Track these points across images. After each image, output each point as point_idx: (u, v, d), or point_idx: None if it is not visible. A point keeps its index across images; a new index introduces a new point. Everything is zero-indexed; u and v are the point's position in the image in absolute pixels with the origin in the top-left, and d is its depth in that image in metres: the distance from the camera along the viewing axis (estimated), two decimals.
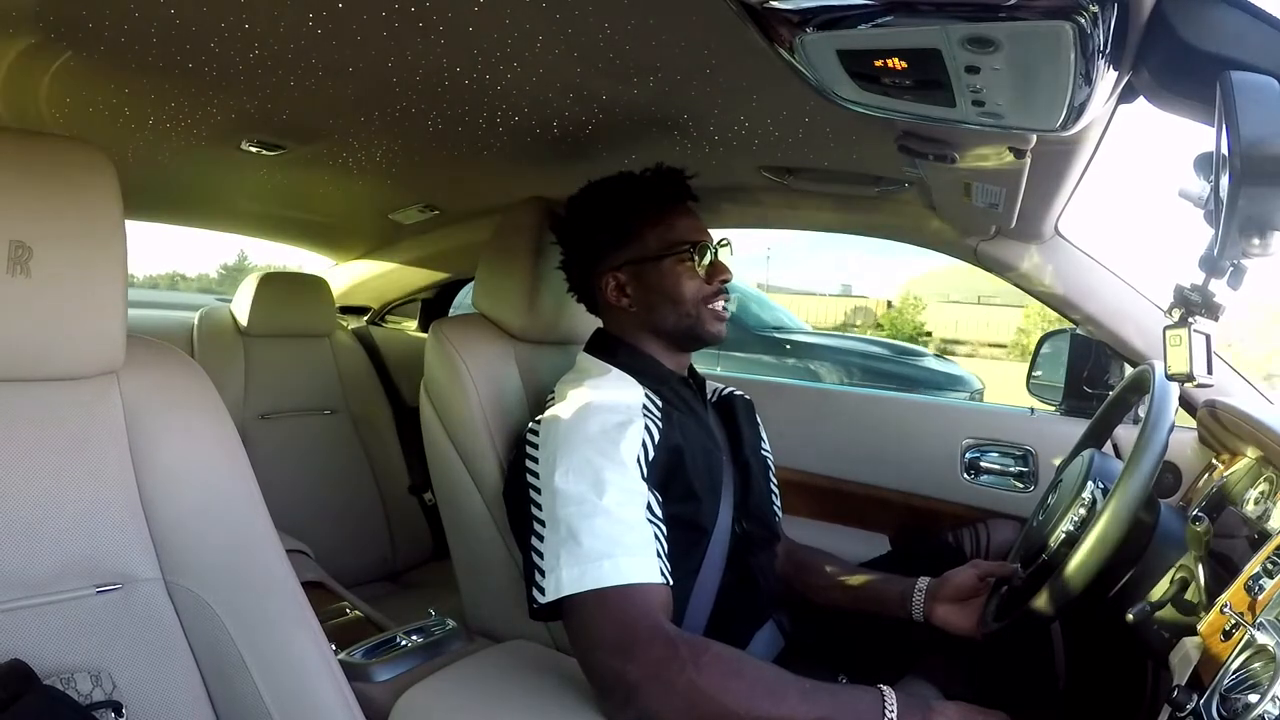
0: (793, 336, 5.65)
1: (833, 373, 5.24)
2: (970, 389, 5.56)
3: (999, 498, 1.56)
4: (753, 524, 1.16)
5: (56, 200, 0.70)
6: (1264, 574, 0.74)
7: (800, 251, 40.98)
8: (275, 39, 0.95)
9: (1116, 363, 1.48)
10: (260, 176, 1.69)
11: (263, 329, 2.05)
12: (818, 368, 5.23)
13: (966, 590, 1.11)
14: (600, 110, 1.15)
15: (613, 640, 0.83)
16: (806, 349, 5.44)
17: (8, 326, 0.68)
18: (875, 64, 0.68)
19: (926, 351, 6.51)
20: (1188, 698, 0.67)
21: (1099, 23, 0.56)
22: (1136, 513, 0.86)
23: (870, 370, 5.36)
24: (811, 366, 5.23)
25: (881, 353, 5.80)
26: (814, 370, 5.20)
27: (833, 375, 5.23)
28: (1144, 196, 47.69)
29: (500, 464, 1.17)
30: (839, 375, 5.24)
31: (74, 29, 0.93)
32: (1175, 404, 0.96)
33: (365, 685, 1.02)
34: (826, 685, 0.83)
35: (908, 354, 5.96)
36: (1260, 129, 0.54)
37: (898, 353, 5.88)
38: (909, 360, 5.68)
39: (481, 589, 1.30)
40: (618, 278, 1.14)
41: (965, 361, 11.91)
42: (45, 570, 0.70)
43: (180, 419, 0.79)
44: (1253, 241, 0.61)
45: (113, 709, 0.68)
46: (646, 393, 1.07)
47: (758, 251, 25.76)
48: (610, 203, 1.15)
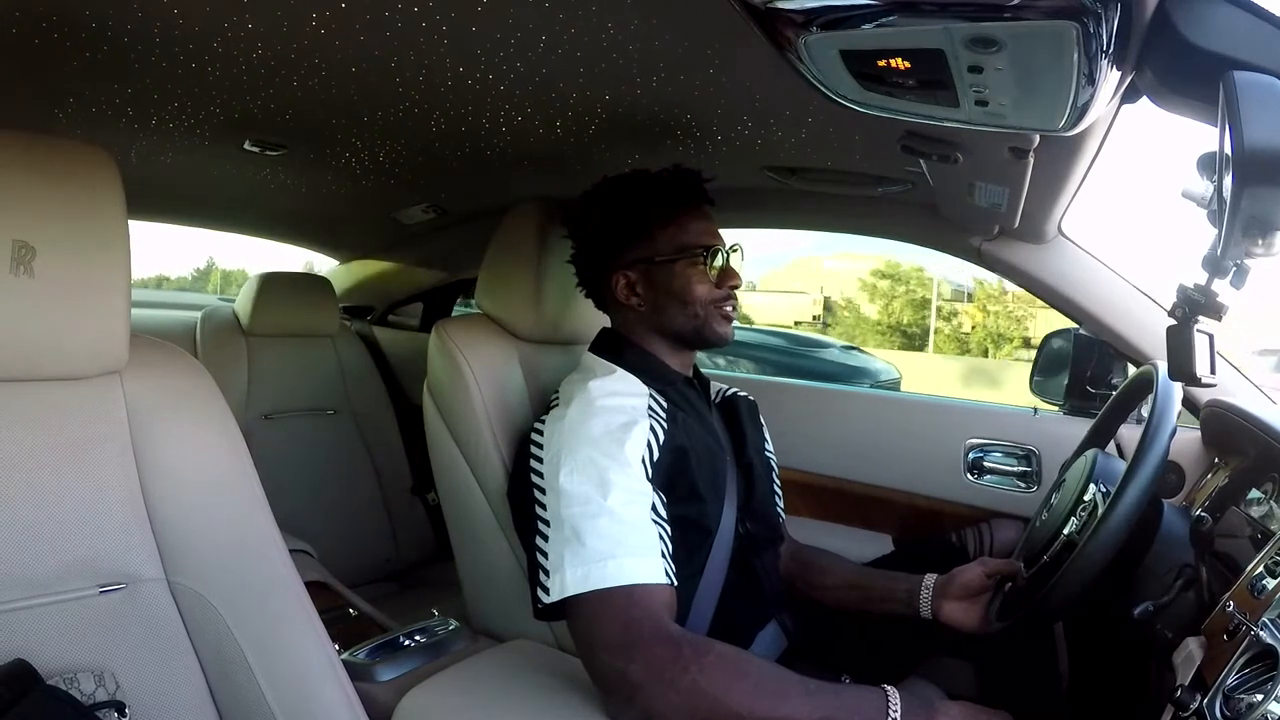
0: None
1: (728, 366, 4.91)
2: (881, 378, 5.38)
3: (1002, 498, 1.55)
4: (756, 524, 1.16)
5: (60, 200, 0.70)
6: (1267, 574, 0.74)
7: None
8: (278, 39, 0.95)
9: (1119, 363, 1.48)
10: (263, 176, 1.69)
11: (266, 329, 2.05)
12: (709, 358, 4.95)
13: (974, 587, 1.11)
14: (603, 111, 1.15)
15: (616, 640, 0.83)
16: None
17: (11, 326, 0.68)
18: (879, 64, 0.68)
19: (832, 342, 6.27)
20: (1191, 697, 0.67)
21: (1102, 23, 0.56)
22: (1140, 513, 0.86)
23: (768, 363, 5.07)
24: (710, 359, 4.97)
25: (781, 344, 5.58)
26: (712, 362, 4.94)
27: (728, 367, 4.90)
28: (1147, 197, 47.69)
29: (503, 464, 1.17)
30: (737, 368, 4.90)
31: (77, 29, 0.94)
32: (1178, 404, 0.96)
33: (368, 685, 1.02)
34: (830, 685, 0.83)
35: (810, 345, 5.78)
36: (1263, 129, 0.54)
37: (799, 344, 5.70)
38: (811, 352, 5.51)
39: (484, 589, 1.30)
40: (628, 276, 1.13)
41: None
42: (48, 570, 0.70)
43: (183, 419, 0.80)
44: (1256, 241, 0.61)
45: (116, 709, 0.68)
46: (652, 393, 1.07)
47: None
48: (625, 201, 1.14)
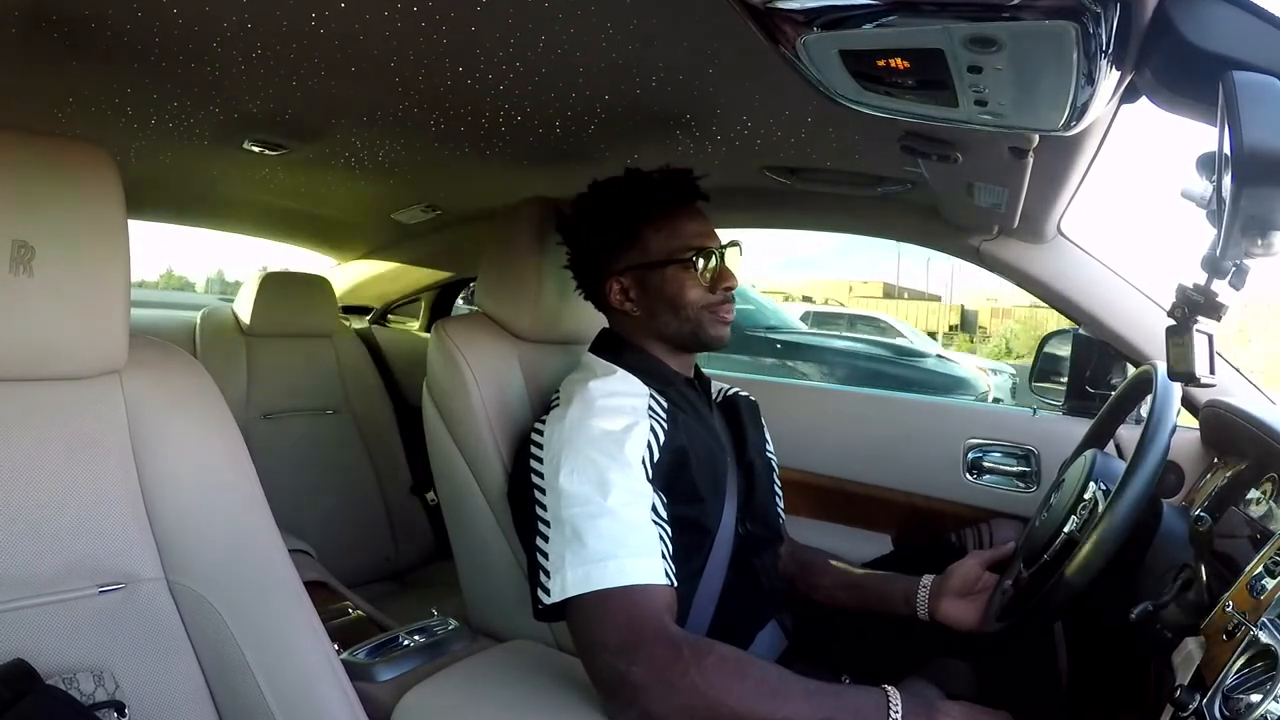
0: (788, 337, 5.36)
1: (828, 376, 4.98)
2: (975, 392, 5.42)
3: (1001, 498, 1.55)
4: (756, 525, 1.16)
5: (59, 200, 0.70)
6: (1266, 574, 0.74)
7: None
8: (278, 38, 0.95)
9: (1119, 363, 1.48)
10: (262, 176, 1.69)
11: (265, 329, 2.05)
12: (810, 370, 4.96)
13: (971, 583, 1.11)
14: (603, 110, 1.15)
15: (616, 641, 0.83)
16: (800, 350, 5.15)
17: (10, 326, 0.68)
18: (878, 64, 0.68)
19: (929, 352, 6.32)
20: (1190, 697, 0.67)
21: (1101, 22, 0.56)
22: (1139, 513, 0.86)
23: (871, 373, 5.13)
24: (803, 368, 4.97)
25: (883, 354, 5.59)
26: (805, 372, 4.94)
27: (829, 378, 4.98)
28: (1147, 197, 47.82)
29: (503, 464, 1.17)
30: (836, 378, 5.00)
31: (77, 28, 0.94)
32: (1178, 404, 0.96)
33: (368, 685, 1.02)
34: (830, 686, 0.83)
35: (910, 355, 5.79)
36: (1263, 129, 0.54)
37: (899, 353, 5.69)
38: (911, 362, 5.54)
39: (484, 589, 1.30)
40: (621, 282, 1.12)
41: None
42: (48, 570, 0.70)
43: (183, 419, 0.80)
44: (1255, 241, 0.61)
45: (115, 709, 0.68)
46: (652, 394, 1.06)
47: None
48: (614, 205, 1.13)
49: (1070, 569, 0.87)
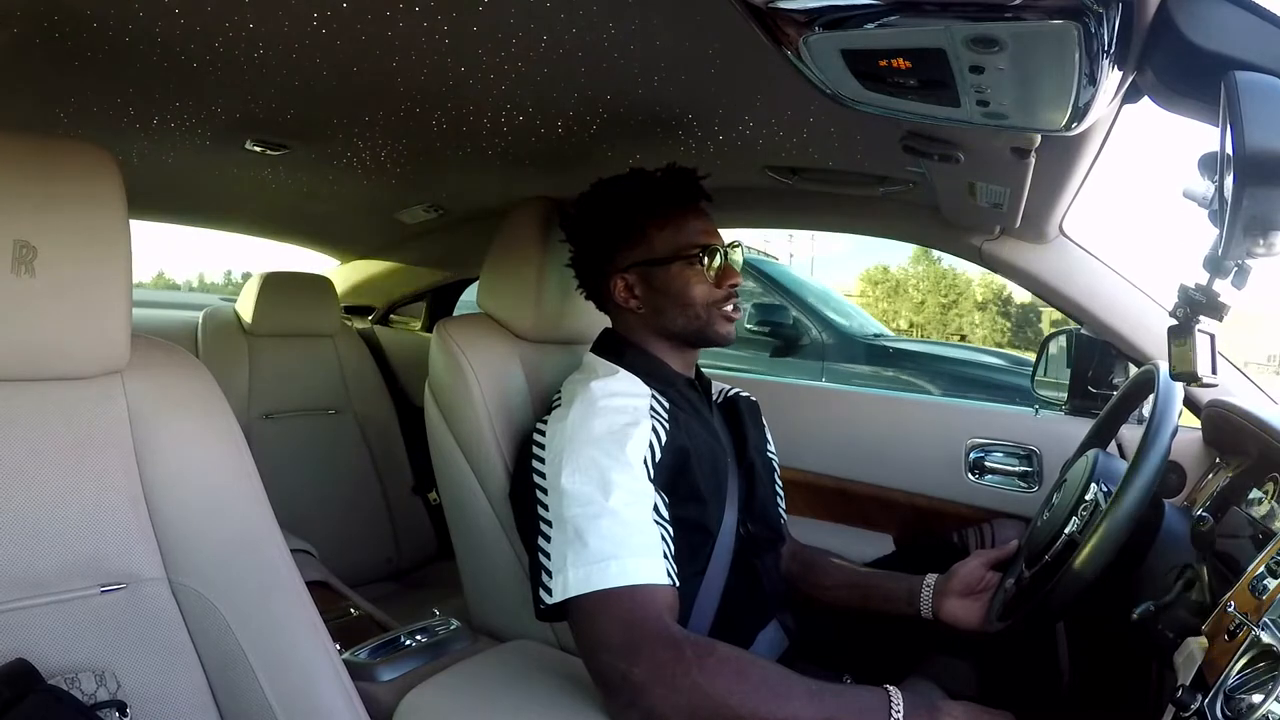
0: (899, 344, 4.65)
1: (949, 387, 4.19)
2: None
3: (1003, 498, 1.55)
4: (758, 525, 1.16)
5: (61, 200, 0.70)
6: (1268, 574, 0.74)
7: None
8: (279, 39, 0.95)
9: (1121, 363, 1.48)
10: (264, 176, 1.69)
11: (267, 329, 2.06)
12: (927, 384, 4.20)
13: (974, 582, 1.11)
14: (604, 110, 1.15)
15: (618, 641, 0.83)
16: (913, 358, 4.44)
17: (12, 326, 0.68)
18: (880, 64, 0.68)
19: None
20: (1192, 698, 0.67)
21: (1104, 23, 0.56)
22: (1141, 513, 0.86)
23: (990, 384, 4.27)
24: (920, 381, 4.21)
25: (998, 363, 4.71)
26: (926, 387, 4.18)
27: (948, 389, 4.19)
28: (1148, 196, 47.78)
29: (505, 464, 1.17)
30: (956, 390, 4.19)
31: (78, 29, 0.94)
32: (1180, 404, 0.96)
33: (369, 685, 1.02)
34: (832, 685, 0.83)
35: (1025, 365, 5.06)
36: (1265, 129, 0.54)
37: (1015, 363, 4.76)
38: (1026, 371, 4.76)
39: (485, 589, 1.30)
40: (626, 279, 1.13)
41: None
42: (50, 570, 0.70)
43: (185, 419, 0.80)
44: (1257, 241, 0.61)
45: (117, 709, 0.68)
46: (654, 394, 1.06)
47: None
48: (619, 203, 1.13)
49: (1072, 569, 0.87)
